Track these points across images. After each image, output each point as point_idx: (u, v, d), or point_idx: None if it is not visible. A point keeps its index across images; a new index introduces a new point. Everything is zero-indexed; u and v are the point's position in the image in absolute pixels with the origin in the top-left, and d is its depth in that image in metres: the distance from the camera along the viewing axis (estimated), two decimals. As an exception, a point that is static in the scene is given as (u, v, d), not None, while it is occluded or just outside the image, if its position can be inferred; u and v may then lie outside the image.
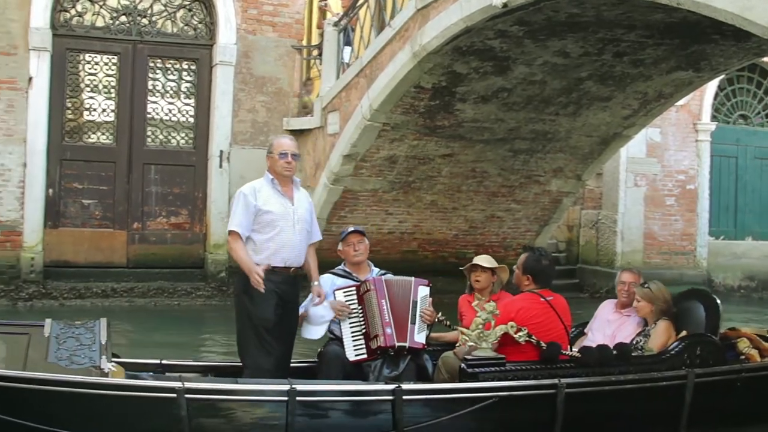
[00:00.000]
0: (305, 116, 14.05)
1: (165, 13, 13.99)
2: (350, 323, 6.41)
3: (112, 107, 13.81)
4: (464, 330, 6.07)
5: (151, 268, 13.59)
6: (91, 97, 13.80)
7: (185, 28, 14.12)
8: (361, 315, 6.42)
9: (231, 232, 6.26)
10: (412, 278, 6.59)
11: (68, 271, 13.31)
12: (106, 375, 5.40)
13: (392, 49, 11.46)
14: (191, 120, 14.17)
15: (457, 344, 6.35)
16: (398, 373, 6.24)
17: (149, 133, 13.94)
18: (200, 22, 14.17)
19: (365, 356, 6.33)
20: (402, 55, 11.08)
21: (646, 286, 6.89)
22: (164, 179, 13.79)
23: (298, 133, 14.03)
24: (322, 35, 14.29)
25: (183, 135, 14.13)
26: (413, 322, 6.36)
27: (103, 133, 13.77)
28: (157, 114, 14.02)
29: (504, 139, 12.93)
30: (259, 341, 6.20)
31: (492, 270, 6.78)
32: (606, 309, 7.28)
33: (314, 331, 6.48)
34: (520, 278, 6.44)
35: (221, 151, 13.79)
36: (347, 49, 13.67)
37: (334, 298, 6.54)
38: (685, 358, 6.49)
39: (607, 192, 16.71)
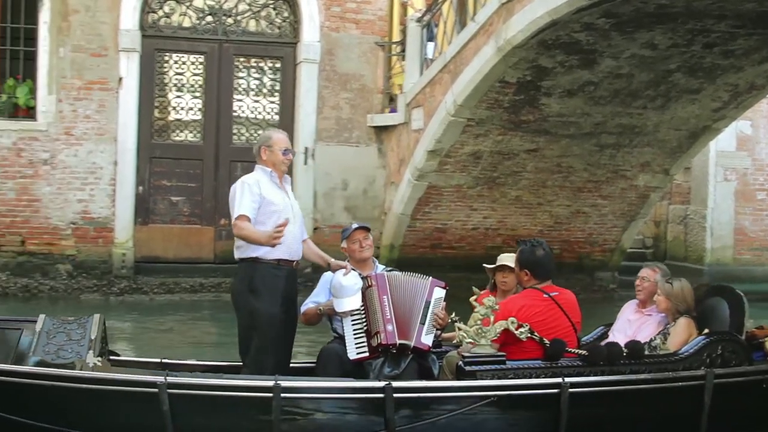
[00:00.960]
0: (389, 112, 14.09)
1: (250, 13, 14.15)
2: (352, 320, 6.16)
3: (199, 106, 14.04)
4: (462, 326, 5.73)
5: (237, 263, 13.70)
6: (179, 96, 14.04)
7: (270, 26, 14.27)
8: (362, 312, 6.18)
9: (240, 217, 6.02)
10: (429, 278, 6.34)
11: (158, 266, 13.58)
12: (90, 369, 5.38)
13: (476, 44, 11.41)
14: (276, 117, 14.30)
15: (454, 341, 6.07)
16: (399, 372, 6.00)
17: (235, 130, 14.12)
18: (284, 21, 14.29)
19: (367, 354, 6.10)
20: (486, 50, 11.02)
21: (669, 281, 6.51)
22: (251, 176, 13.92)
23: (382, 129, 14.11)
24: (403, 32, 14.32)
25: (269, 133, 14.26)
26: (423, 323, 6.12)
27: (190, 132, 14.02)
28: (243, 112, 14.19)
29: (590, 134, 12.76)
30: (261, 340, 6.07)
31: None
32: (628, 309, 6.93)
33: (351, 302, 6.18)
34: (519, 275, 6.08)
35: (306, 148, 13.89)
36: (430, 45, 13.68)
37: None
38: (704, 358, 6.04)
39: (696, 187, 16.37)
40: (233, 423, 5.35)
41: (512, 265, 6.30)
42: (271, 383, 5.29)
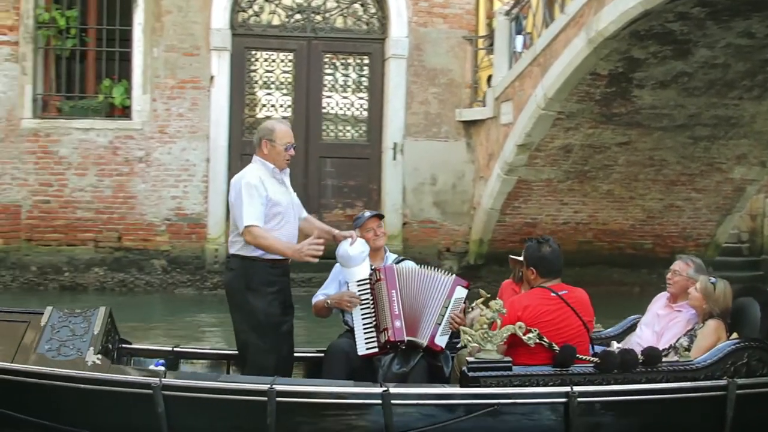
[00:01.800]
0: (478, 107, 14.02)
1: (338, 10, 14.22)
2: (362, 315, 5.97)
3: (289, 103, 14.17)
4: (467, 330, 5.48)
5: (328, 259, 13.70)
6: (269, 94, 14.19)
7: (357, 23, 14.33)
8: (372, 306, 5.97)
9: (251, 227, 5.71)
10: (453, 276, 6.09)
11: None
12: (88, 367, 5.40)
13: (566, 36, 11.27)
14: (365, 114, 14.35)
15: (459, 343, 5.79)
16: (407, 370, 5.82)
17: (324, 127, 14.22)
18: (372, 17, 14.33)
19: (376, 350, 5.91)
20: (577, 42, 10.88)
21: (712, 282, 6.03)
22: (340, 172, 14.03)
23: (470, 124, 14.05)
24: (489, 25, 14.25)
25: (357, 128, 14.35)
26: (439, 322, 5.90)
27: (280, 129, 14.13)
28: (332, 108, 14.27)
29: (684, 126, 12.49)
30: (261, 339, 5.85)
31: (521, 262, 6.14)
32: (658, 303, 6.57)
33: (360, 271, 6.00)
34: (526, 274, 5.81)
35: (395, 144, 13.92)
36: (519, 38, 13.56)
37: (347, 287, 6.11)
38: (728, 367, 5.57)
39: (795, 179, 15.91)
40: (229, 425, 5.31)
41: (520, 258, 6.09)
42: (266, 387, 5.20)
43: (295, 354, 6.23)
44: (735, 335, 5.83)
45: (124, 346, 6.28)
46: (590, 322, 5.73)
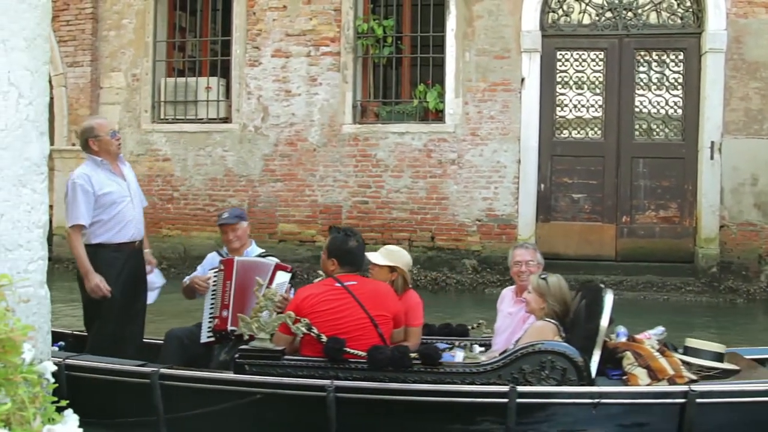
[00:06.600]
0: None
1: (651, 5, 13.85)
2: (210, 304, 6.32)
3: (600, 102, 13.98)
4: (243, 317, 5.54)
5: (640, 261, 13.52)
6: (579, 94, 14.08)
7: (671, 18, 13.87)
8: (215, 296, 6.32)
9: (73, 227, 6.30)
10: (274, 261, 6.34)
11: (559, 263, 13.51)
12: None
13: None
14: (679, 111, 13.85)
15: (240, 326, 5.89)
16: (228, 359, 5.95)
17: (636, 126, 13.90)
18: (687, 11, 13.81)
19: (213, 339, 6.20)
20: None
21: (543, 277, 5.48)
22: (652, 172, 13.66)
23: (796, 120, 13.19)
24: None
25: (671, 127, 13.89)
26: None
27: (591, 128, 14.01)
28: (644, 107, 13.91)
29: None
30: (101, 315, 6.32)
31: (390, 267, 5.92)
32: (505, 300, 6.01)
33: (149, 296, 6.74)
34: (325, 263, 5.73)
35: (712, 143, 13.31)
36: None
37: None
38: (522, 371, 5.07)
39: None
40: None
41: (378, 261, 5.98)
42: (59, 359, 5.40)
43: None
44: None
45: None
46: (382, 316, 5.50)
